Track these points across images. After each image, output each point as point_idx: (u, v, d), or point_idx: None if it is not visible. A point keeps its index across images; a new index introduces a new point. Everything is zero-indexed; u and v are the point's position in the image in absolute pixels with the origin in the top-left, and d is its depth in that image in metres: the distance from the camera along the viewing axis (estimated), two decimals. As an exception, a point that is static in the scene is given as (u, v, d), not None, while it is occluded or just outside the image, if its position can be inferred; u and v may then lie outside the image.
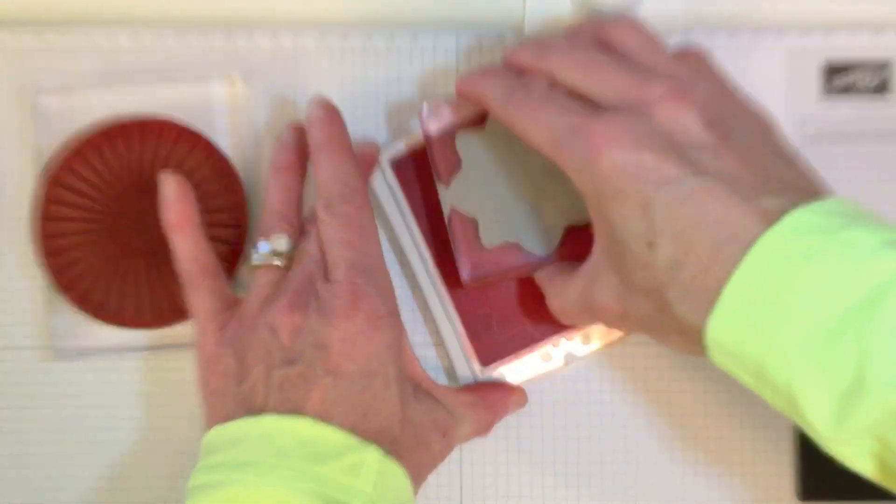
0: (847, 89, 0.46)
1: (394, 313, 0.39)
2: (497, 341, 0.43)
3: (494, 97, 0.39)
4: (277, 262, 0.40)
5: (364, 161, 0.44)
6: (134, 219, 0.44)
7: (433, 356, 0.46)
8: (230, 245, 0.44)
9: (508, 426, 0.46)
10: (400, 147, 0.45)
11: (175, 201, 0.42)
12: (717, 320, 0.33)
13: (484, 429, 0.43)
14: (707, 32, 0.46)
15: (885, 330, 0.30)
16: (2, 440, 0.45)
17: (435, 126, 0.42)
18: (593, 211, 0.37)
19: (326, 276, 0.39)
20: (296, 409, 0.37)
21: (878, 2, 0.45)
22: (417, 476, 0.39)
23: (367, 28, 0.46)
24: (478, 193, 0.42)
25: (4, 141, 0.46)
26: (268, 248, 0.41)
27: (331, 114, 0.42)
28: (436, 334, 0.45)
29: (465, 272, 0.42)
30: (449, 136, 0.42)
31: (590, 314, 0.39)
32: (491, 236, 0.42)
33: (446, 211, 0.42)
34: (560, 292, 0.40)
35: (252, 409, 0.37)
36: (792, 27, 0.46)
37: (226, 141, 0.45)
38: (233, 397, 0.38)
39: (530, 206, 0.42)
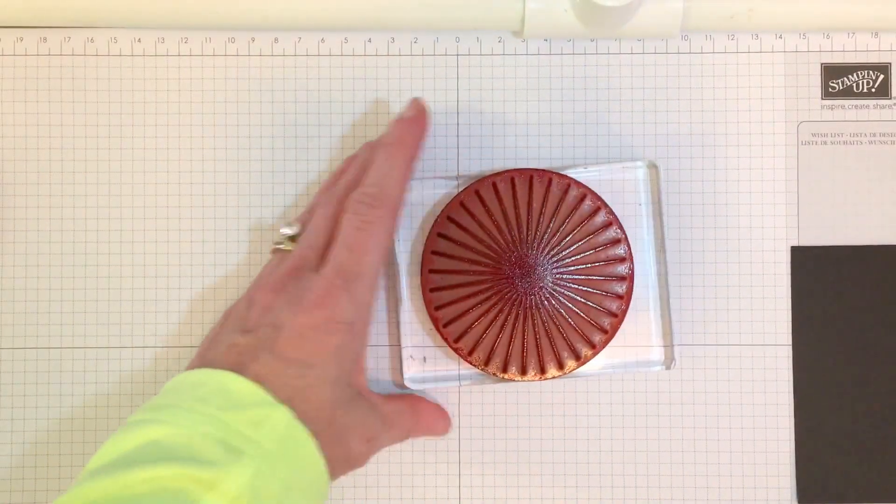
0: (846, 91, 0.46)
1: (356, 324, 0.40)
2: None
3: None
4: (286, 247, 0.43)
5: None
6: (512, 269, 0.44)
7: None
8: (614, 317, 0.44)
9: (507, 427, 0.46)
10: None
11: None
12: None
13: (405, 435, 0.44)
14: (706, 35, 0.47)
15: None
16: (2, 440, 0.46)
17: None
18: None
19: (318, 265, 0.40)
20: (236, 372, 0.38)
21: (878, 4, 0.45)
22: (331, 469, 0.40)
23: (366, 31, 0.46)
24: None
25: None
26: (288, 231, 0.43)
27: (415, 119, 0.43)
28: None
29: None
30: None
31: None
32: None
33: None
34: None
35: (204, 364, 0.40)
36: (791, 30, 0.46)
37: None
38: (200, 354, 0.41)
39: None
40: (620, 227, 0.44)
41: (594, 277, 0.44)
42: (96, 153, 0.46)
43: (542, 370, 0.44)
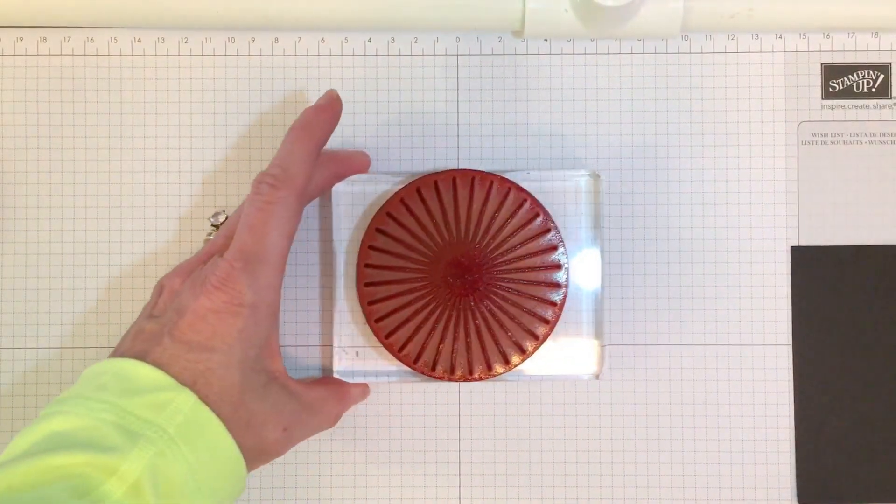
0: (846, 91, 0.46)
1: (259, 307, 0.39)
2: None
3: None
4: (213, 237, 0.44)
5: (347, 165, 0.45)
6: (448, 269, 0.44)
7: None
8: (546, 323, 0.44)
9: (508, 427, 0.46)
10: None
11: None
12: None
13: (333, 421, 0.44)
14: (706, 35, 0.47)
15: None
16: (2, 440, 0.46)
17: None
18: None
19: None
20: (139, 359, 0.38)
21: (878, 4, 0.45)
22: (245, 456, 0.39)
23: (366, 31, 0.46)
24: None
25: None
26: (211, 222, 0.45)
27: (325, 107, 0.42)
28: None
29: None
30: None
31: None
32: None
33: None
34: None
35: (116, 354, 0.40)
36: (791, 30, 0.46)
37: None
38: (116, 345, 0.41)
39: None
40: (558, 234, 0.44)
41: (529, 283, 0.44)
42: (96, 153, 0.46)
43: (470, 371, 0.44)
